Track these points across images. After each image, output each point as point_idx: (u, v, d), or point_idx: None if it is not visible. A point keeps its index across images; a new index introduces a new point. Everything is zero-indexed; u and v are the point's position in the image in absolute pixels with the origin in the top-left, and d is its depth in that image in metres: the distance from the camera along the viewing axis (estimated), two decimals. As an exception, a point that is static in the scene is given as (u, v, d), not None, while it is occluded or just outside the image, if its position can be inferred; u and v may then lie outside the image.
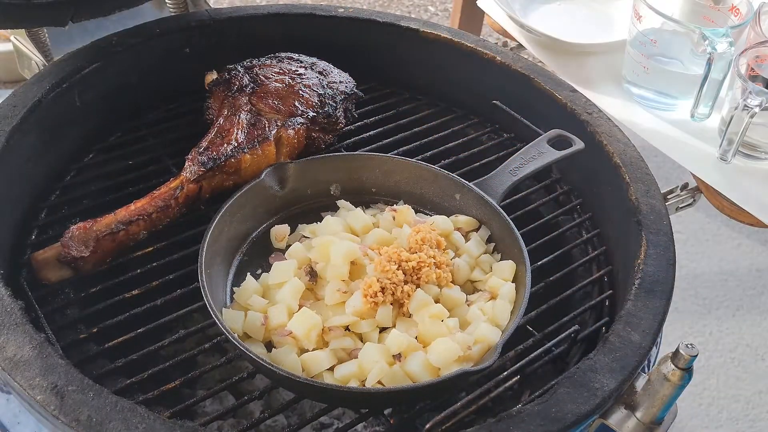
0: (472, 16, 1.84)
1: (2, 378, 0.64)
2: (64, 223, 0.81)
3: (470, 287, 0.80)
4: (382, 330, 0.74)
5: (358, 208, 0.86)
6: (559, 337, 0.78)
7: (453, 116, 1.09)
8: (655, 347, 0.76)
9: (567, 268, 0.87)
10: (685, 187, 1.14)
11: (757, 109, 0.96)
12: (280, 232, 0.84)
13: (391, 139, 1.00)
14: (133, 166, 0.95)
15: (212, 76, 0.98)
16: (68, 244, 0.77)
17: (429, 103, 1.12)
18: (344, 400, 0.73)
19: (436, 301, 0.75)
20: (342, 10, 1.12)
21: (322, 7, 1.13)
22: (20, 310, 0.68)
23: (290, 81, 0.94)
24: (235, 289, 0.78)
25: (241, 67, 0.97)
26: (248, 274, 0.79)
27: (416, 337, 0.72)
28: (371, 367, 0.68)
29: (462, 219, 0.86)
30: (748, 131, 1.01)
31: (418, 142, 1.01)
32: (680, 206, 1.13)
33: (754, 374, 1.70)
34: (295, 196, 0.88)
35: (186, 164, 0.85)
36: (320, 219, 0.85)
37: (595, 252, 0.91)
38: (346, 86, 0.98)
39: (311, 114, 0.92)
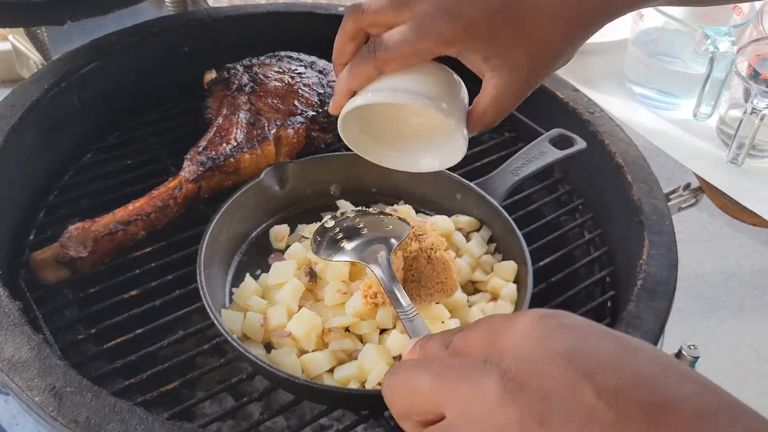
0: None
1: (0, 379, 0.64)
2: (63, 224, 0.80)
3: (471, 288, 0.80)
4: (383, 331, 0.73)
5: (358, 208, 0.86)
6: (561, 338, 0.78)
7: (454, 116, 1.09)
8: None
9: (569, 268, 0.87)
10: (687, 186, 1.13)
11: (766, 111, 0.96)
12: (279, 232, 0.83)
13: (391, 138, 1.00)
14: (131, 165, 0.95)
15: (211, 75, 0.97)
16: (66, 244, 0.77)
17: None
18: (344, 401, 0.72)
19: (437, 302, 0.74)
20: (342, 8, 1.11)
21: (322, 5, 1.12)
22: (18, 311, 0.68)
23: (290, 80, 0.94)
24: (234, 289, 0.77)
25: (241, 66, 0.96)
26: (247, 274, 0.78)
27: (417, 338, 0.71)
28: (371, 369, 0.68)
29: (463, 219, 0.85)
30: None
31: (418, 142, 1.01)
32: (682, 206, 1.12)
33: (756, 375, 1.70)
34: (295, 196, 0.87)
35: (185, 164, 0.85)
36: (320, 219, 0.84)
37: (597, 252, 0.90)
38: (346, 85, 0.98)
39: (311, 113, 0.91)
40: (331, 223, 0.73)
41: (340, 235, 0.72)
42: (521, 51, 0.59)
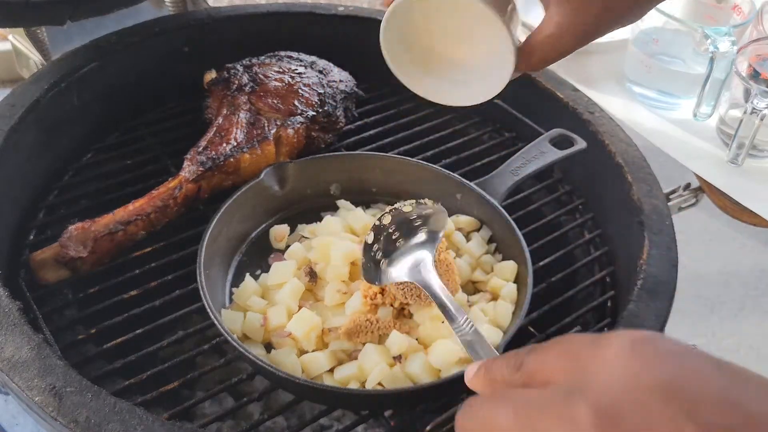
0: (473, 15, 1.83)
1: (0, 379, 0.64)
2: (63, 224, 0.80)
3: (471, 288, 0.80)
4: (383, 331, 0.73)
5: (358, 208, 0.86)
6: (561, 338, 0.78)
7: (453, 115, 1.08)
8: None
9: (569, 268, 0.87)
10: (687, 186, 1.13)
11: (766, 111, 0.96)
12: (279, 232, 0.83)
13: (391, 138, 1.00)
14: (131, 165, 0.95)
15: (211, 75, 0.97)
16: (66, 244, 0.77)
17: (429, 102, 1.11)
18: (344, 401, 0.72)
19: (437, 302, 0.74)
20: (342, 8, 1.11)
21: (322, 5, 1.12)
22: (18, 311, 0.68)
23: (290, 80, 0.94)
24: (234, 289, 0.77)
25: (241, 66, 0.96)
26: (247, 274, 0.78)
27: (417, 339, 0.71)
28: (371, 369, 0.68)
29: (463, 219, 0.85)
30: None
31: (418, 142, 1.01)
32: (683, 206, 1.12)
33: (756, 375, 1.69)
34: (295, 196, 0.87)
35: (185, 164, 0.85)
36: (320, 219, 0.84)
37: (598, 252, 0.90)
38: (346, 85, 0.98)
39: (311, 113, 0.91)
40: (371, 239, 0.72)
41: (380, 255, 0.72)
42: None
